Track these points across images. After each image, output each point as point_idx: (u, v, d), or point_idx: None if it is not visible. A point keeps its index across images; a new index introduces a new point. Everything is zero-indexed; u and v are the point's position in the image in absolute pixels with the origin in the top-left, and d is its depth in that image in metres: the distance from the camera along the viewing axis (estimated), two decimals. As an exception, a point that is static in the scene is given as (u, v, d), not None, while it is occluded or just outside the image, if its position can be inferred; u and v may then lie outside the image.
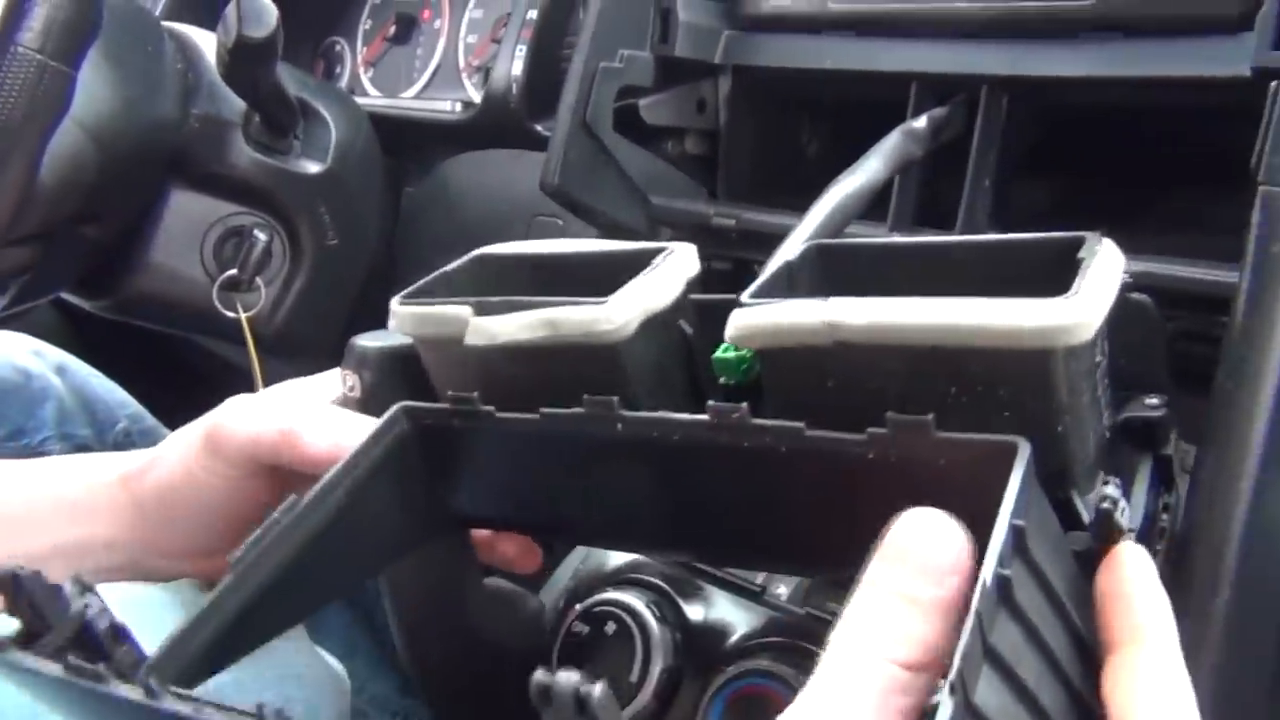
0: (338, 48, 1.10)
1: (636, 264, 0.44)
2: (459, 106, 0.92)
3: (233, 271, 0.81)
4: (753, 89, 0.71)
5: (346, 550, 0.43)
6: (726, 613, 0.59)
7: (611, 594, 0.59)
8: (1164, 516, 0.40)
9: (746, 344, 0.38)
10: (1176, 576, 0.42)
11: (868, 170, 0.57)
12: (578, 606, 0.59)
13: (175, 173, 0.81)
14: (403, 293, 0.46)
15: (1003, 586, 0.28)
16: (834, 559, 0.33)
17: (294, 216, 0.84)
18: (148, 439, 0.75)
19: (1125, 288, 0.38)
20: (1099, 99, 0.57)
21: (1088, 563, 0.33)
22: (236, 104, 0.81)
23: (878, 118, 0.61)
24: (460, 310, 0.44)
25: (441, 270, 0.48)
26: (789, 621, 0.56)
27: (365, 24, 1.08)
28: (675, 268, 0.45)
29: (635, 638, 0.57)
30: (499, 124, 0.86)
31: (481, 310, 0.44)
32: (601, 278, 0.43)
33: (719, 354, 0.44)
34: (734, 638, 0.57)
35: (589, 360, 0.42)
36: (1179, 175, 0.63)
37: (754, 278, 0.45)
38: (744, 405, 0.37)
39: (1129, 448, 0.39)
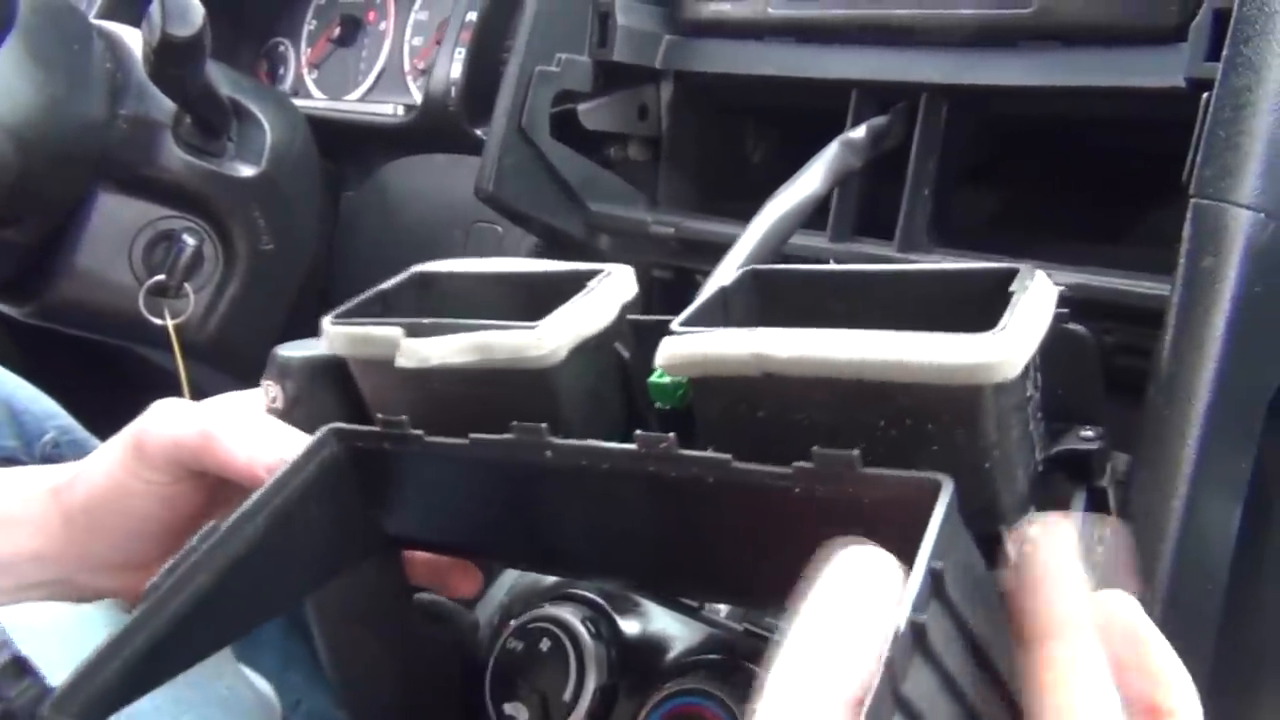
0: (281, 49, 1.07)
1: (575, 286, 0.43)
2: (401, 110, 0.90)
3: (160, 277, 0.78)
4: (695, 95, 0.70)
5: (272, 575, 0.42)
6: (664, 628, 0.58)
7: (547, 610, 0.58)
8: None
9: (677, 373, 0.38)
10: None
11: (806, 184, 0.56)
12: (512, 623, 0.58)
13: (103, 175, 0.79)
14: (335, 311, 0.46)
15: (917, 633, 0.27)
16: (764, 593, 0.33)
17: (227, 220, 0.82)
18: (77, 450, 0.72)
19: (1061, 317, 0.37)
20: (1038, 108, 0.57)
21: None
22: (167, 104, 0.79)
23: (824, 124, 0.61)
24: (391, 332, 0.43)
25: (377, 288, 0.47)
26: (727, 638, 0.55)
27: (310, 25, 1.06)
28: (609, 291, 0.44)
29: (569, 655, 0.56)
30: (438, 128, 0.84)
31: (413, 332, 0.43)
32: (539, 299, 0.42)
33: (654, 379, 0.43)
34: (671, 654, 0.57)
35: (521, 385, 0.41)
36: (1121, 186, 0.62)
37: (695, 288, 0.46)
38: (671, 435, 0.36)
39: (1061, 479, 0.38)
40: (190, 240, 0.79)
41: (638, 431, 0.37)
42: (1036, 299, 0.35)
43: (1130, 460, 0.43)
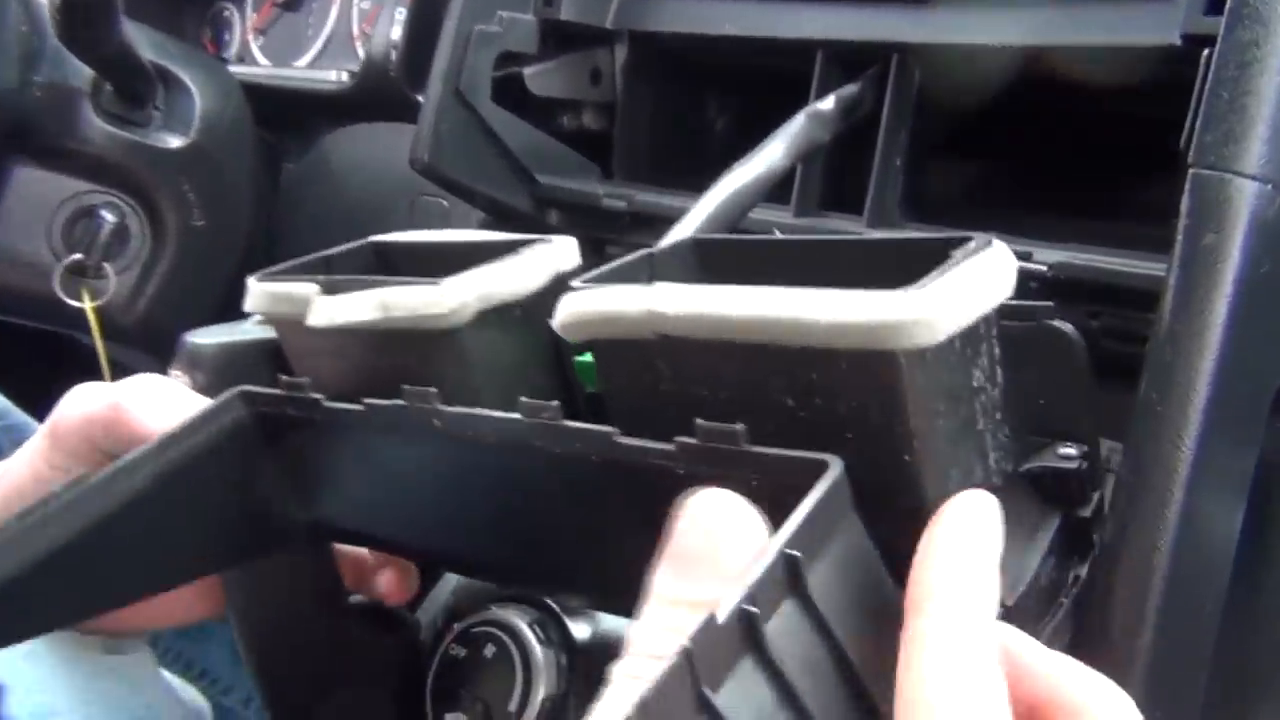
0: (225, 13, 1.02)
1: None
2: (345, 76, 0.85)
3: (78, 256, 0.73)
4: (652, 57, 0.65)
5: (157, 544, 0.38)
6: (618, 631, 0.54)
7: (492, 613, 0.53)
8: (1071, 589, 0.35)
9: (573, 334, 0.34)
10: (1091, 617, 0.37)
11: (767, 157, 0.51)
12: (455, 627, 0.54)
13: (18, 146, 0.73)
14: (268, 269, 0.42)
15: (750, 627, 0.22)
16: None
17: (154, 195, 0.76)
18: (13, 436, 0.68)
19: (1044, 312, 0.33)
20: (1021, 70, 0.52)
21: None
22: (87, 71, 0.73)
23: (793, 90, 0.56)
24: (306, 288, 0.40)
25: (324, 253, 0.44)
26: (683, 645, 0.51)
27: (255, -12, 1.00)
28: (538, 258, 0.40)
29: (515, 662, 0.52)
30: (379, 94, 0.79)
31: (330, 290, 0.39)
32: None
33: (580, 358, 0.39)
34: (624, 661, 0.53)
35: (430, 351, 0.38)
36: (1113, 156, 0.58)
37: None
38: (555, 404, 0.32)
39: (1035, 504, 0.34)
40: (109, 216, 0.74)
41: (522, 399, 0.33)
42: (983, 265, 0.29)
43: (1121, 455, 0.39)
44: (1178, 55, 0.43)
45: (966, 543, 0.26)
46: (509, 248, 0.40)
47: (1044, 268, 0.46)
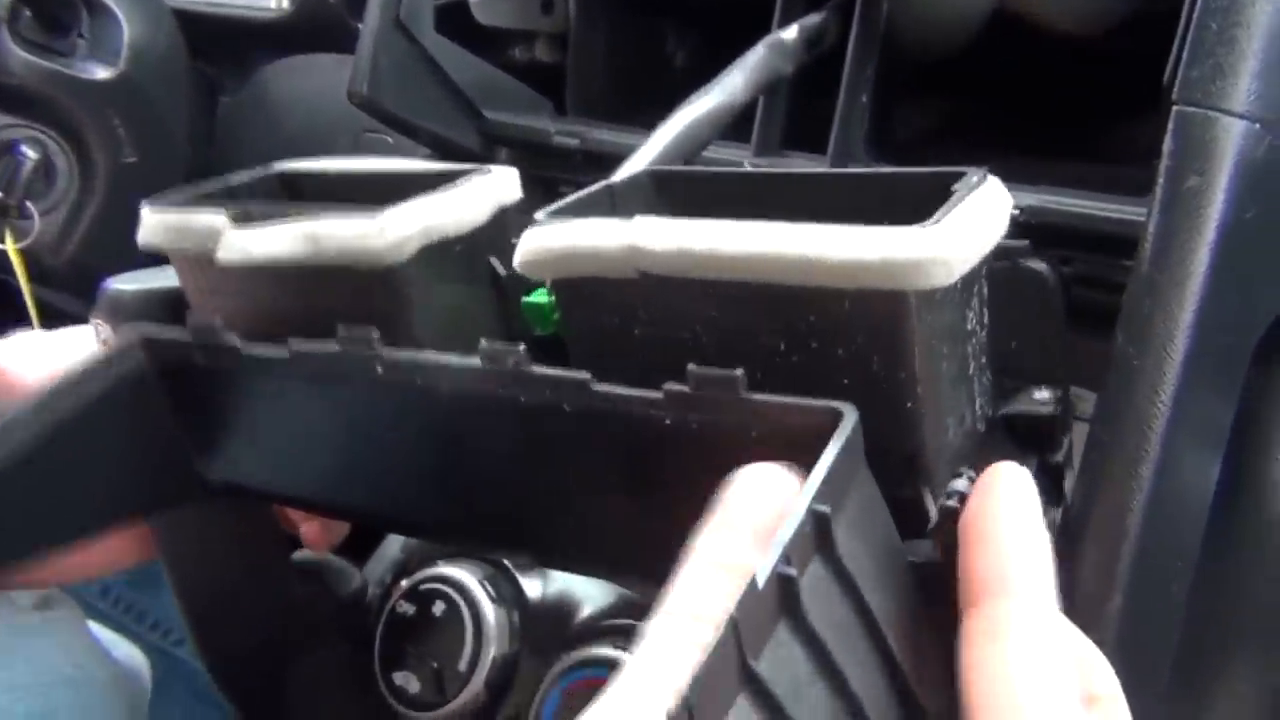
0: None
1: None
2: (285, 2, 0.80)
3: (-2, 196, 0.69)
4: (607, -14, 0.62)
5: (47, 502, 0.36)
6: (571, 589, 0.52)
7: (442, 569, 0.52)
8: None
9: (537, 273, 0.31)
10: (1060, 574, 0.35)
11: (726, 89, 0.48)
12: (403, 583, 0.52)
13: (-70, 76, 0.69)
14: (157, 196, 0.39)
15: (787, 591, 0.21)
16: (643, 561, 0.27)
17: (81, 129, 0.72)
18: None
19: (1017, 252, 0.31)
20: (995, 2, 0.49)
21: (930, 581, 0.26)
22: (1, -5, 0.69)
23: (754, 22, 0.53)
24: (213, 219, 0.36)
25: (224, 179, 0.41)
26: (639, 600, 0.50)
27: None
28: (481, 189, 0.37)
29: (466, 620, 0.50)
30: (320, 23, 0.75)
31: (241, 220, 0.36)
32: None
33: (528, 299, 0.36)
34: (578, 619, 0.51)
35: (365, 290, 0.35)
36: (1090, 92, 0.56)
37: None
38: (521, 348, 0.30)
39: (1008, 448, 0.32)
40: (31, 153, 0.70)
41: (483, 342, 0.30)
42: (986, 200, 0.28)
43: (1092, 405, 0.38)
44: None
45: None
46: (443, 178, 0.37)
47: (1015, 211, 0.44)
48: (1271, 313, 0.36)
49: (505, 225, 0.38)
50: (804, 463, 0.24)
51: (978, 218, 0.27)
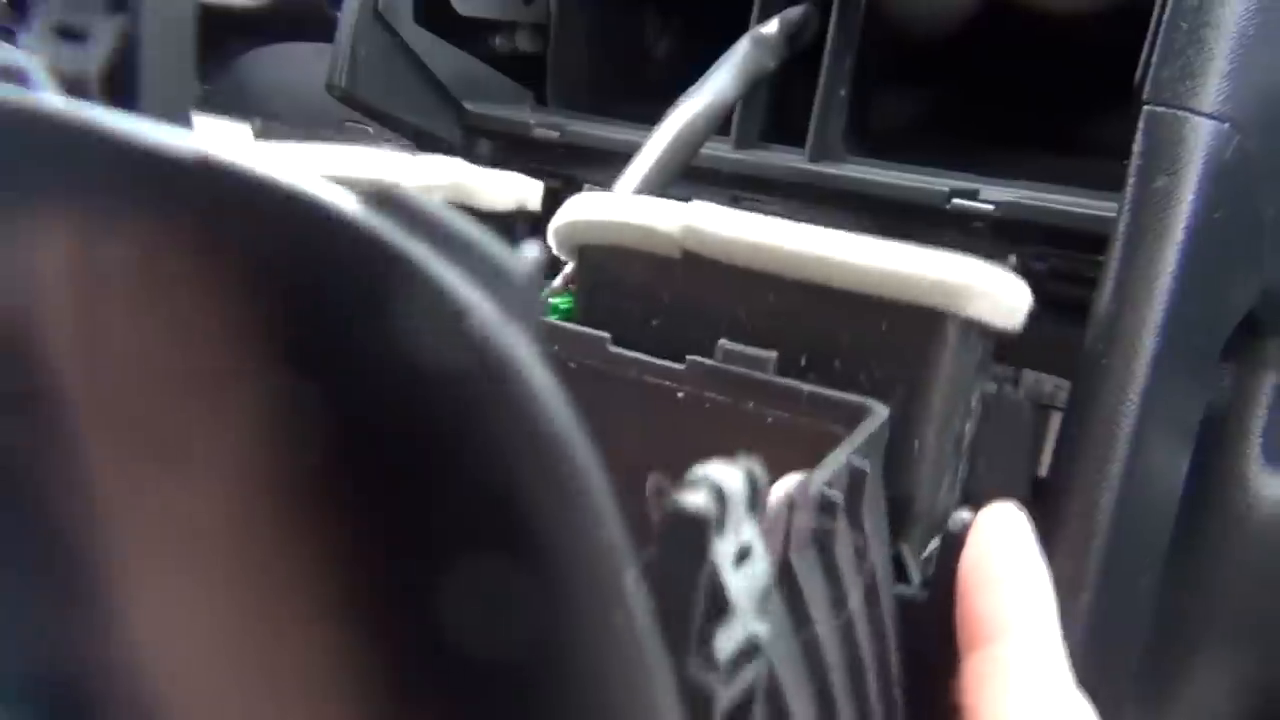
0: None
1: None
2: (264, -10, 0.79)
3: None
4: (588, -24, 0.62)
5: None
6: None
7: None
8: None
9: (579, 236, 0.32)
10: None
11: (715, 88, 0.49)
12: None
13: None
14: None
15: (826, 512, 0.22)
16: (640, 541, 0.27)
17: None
18: None
19: (1005, 378, 0.33)
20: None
21: (914, 619, 0.26)
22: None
23: (734, 12, 0.52)
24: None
25: None
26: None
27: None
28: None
29: None
30: (298, 12, 0.74)
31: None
32: None
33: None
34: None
35: None
36: (1071, 88, 0.55)
37: None
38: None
39: None
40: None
41: None
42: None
43: (1066, 402, 0.38)
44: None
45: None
46: None
47: (990, 207, 0.44)
48: (1239, 311, 0.37)
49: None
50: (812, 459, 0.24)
51: (1018, 284, 0.28)
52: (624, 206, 0.31)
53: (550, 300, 0.36)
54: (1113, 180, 0.41)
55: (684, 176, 0.47)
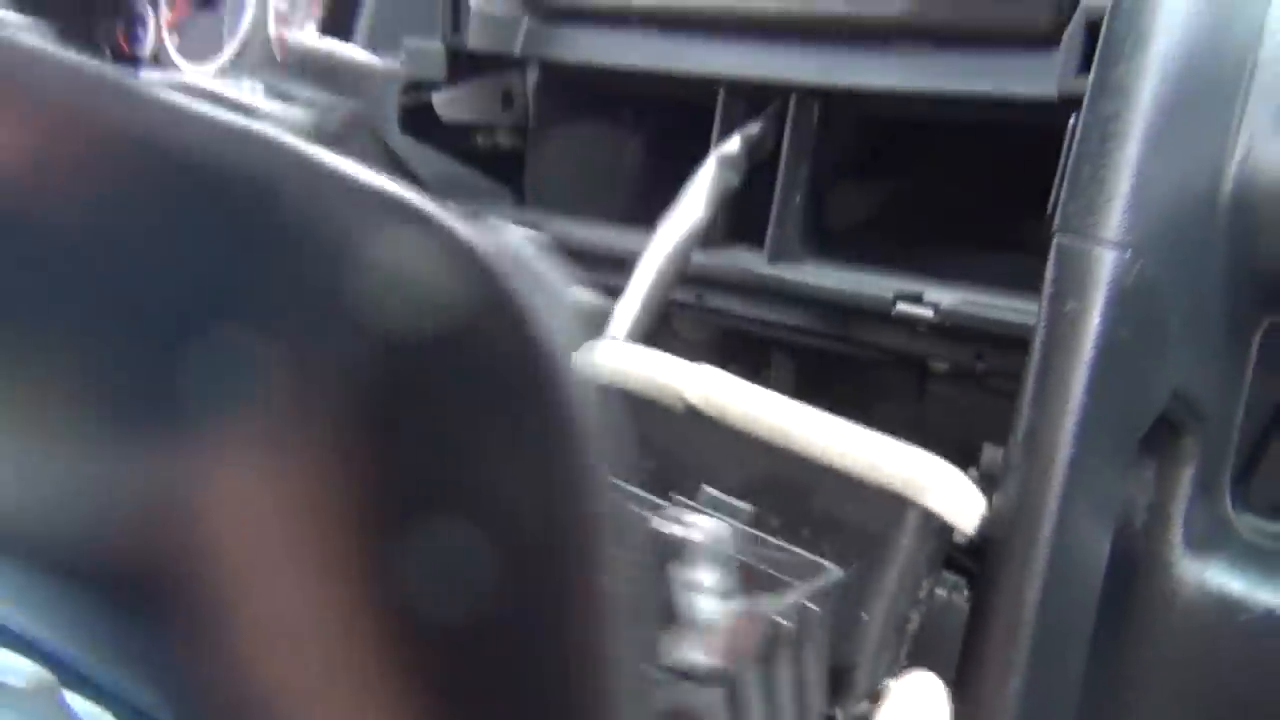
0: (139, 7, 1.00)
1: None
2: (261, 86, 0.84)
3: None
4: (563, 83, 0.65)
5: None
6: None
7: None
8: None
9: (601, 377, 0.36)
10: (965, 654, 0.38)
11: (691, 211, 0.53)
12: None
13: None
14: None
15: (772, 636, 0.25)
16: None
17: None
18: None
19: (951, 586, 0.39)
20: (914, 111, 0.53)
21: None
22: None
23: (702, 117, 0.57)
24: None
25: None
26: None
27: (168, -15, 0.98)
28: None
29: None
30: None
31: None
32: None
33: None
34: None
35: None
36: (1008, 189, 0.59)
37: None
38: None
39: None
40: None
41: None
42: None
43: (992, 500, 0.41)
44: (1057, 108, 0.44)
45: None
46: None
47: (930, 313, 0.48)
48: (1151, 413, 0.40)
49: None
50: None
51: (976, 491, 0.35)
52: (642, 359, 0.36)
53: None
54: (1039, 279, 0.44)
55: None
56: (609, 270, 0.58)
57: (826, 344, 0.54)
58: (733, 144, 0.54)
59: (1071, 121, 0.40)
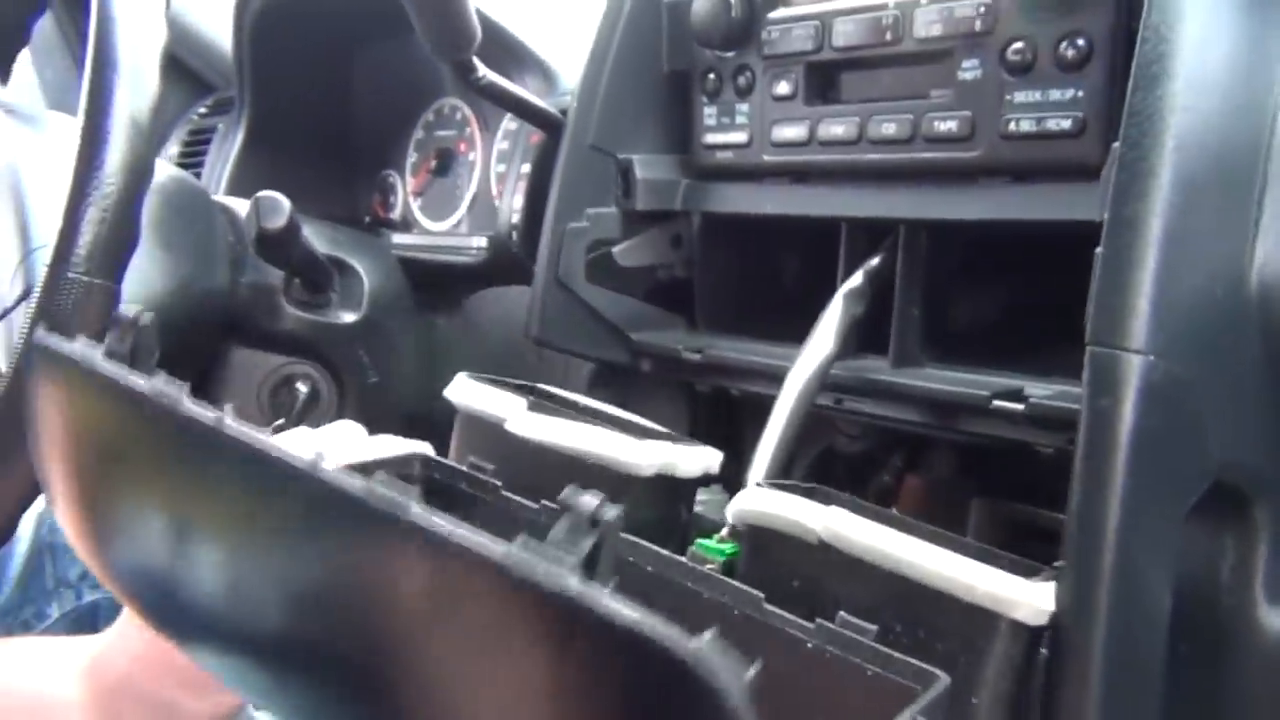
0: (391, 179, 1.20)
1: None
2: (484, 242, 1.00)
3: (280, 421, 0.90)
4: (721, 225, 0.77)
5: None
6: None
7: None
8: None
9: (743, 520, 0.47)
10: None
11: (820, 348, 0.62)
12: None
13: (232, 333, 0.92)
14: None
15: None
16: None
17: (337, 362, 0.93)
18: None
19: None
20: (1004, 233, 0.62)
21: None
22: (279, 271, 0.91)
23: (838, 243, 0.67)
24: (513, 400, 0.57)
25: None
26: None
27: (411, 157, 1.18)
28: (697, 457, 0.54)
29: None
30: (506, 265, 0.94)
31: (534, 407, 0.56)
32: None
33: (704, 540, 0.50)
34: None
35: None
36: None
37: (730, 402, 0.61)
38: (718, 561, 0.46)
39: None
40: (301, 388, 0.91)
41: (691, 549, 0.47)
42: None
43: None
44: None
45: None
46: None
47: (1020, 407, 0.56)
48: (1195, 489, 0.47)
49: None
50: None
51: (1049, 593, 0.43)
52: (780, 502, 0.45)
53: (720, 544, 0.49)
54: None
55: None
56: (770, 383, 0.69)
57: (943, 434, 0.63)
58: (856, 279, 0.64)
59: (1098, 252, 0.48)
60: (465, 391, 0.58)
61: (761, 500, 0.46)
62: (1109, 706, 0.45)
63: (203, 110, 1.37)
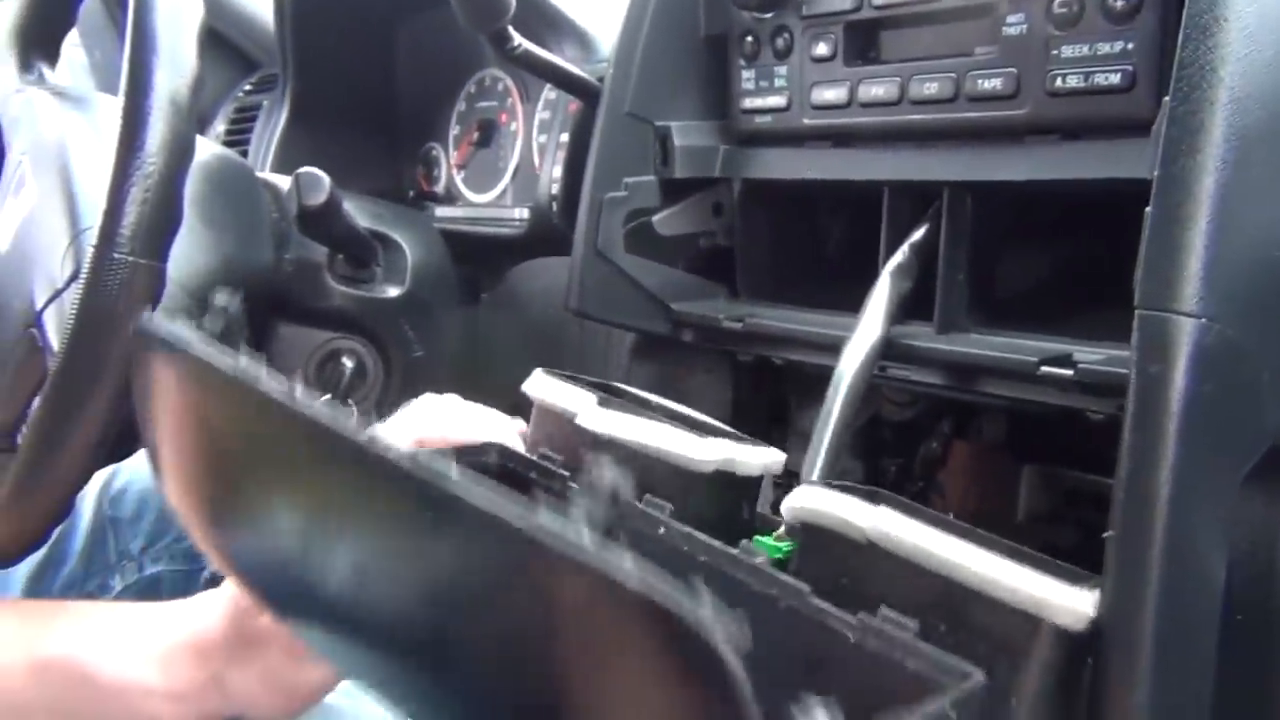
0: (434, 152, 1.20)
1: None
2: (525, 213, 1.00)
3: (327, 396, 0.91)
4: (762, 192, 0.76)
5: None
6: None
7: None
8: None
9: (797, 517, 0.47)
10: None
11: (870, 332, 0.61)
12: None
13: (278, 309, 0.93)
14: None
15: None
16: None
17: (382, 336, 0.94)
18: None
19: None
20: (1051, 193, 0.60)
21: None
22: (323, 247, 0.92)
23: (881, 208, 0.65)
24: (584, 395, 0.57)
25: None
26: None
27: (454, 130, 1.18)
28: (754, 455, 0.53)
29: None
30: (547, 236, 0.94)
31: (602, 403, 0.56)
32: None
33: (762, 537, 0.50)
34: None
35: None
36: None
37: (775, 370, 0.62)
38: (764, 554, 0.46)
39: None
40: (347, 363, 0.92)
41: (743, 542, 0.47)
42: None
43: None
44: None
45: None
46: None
47: (1070, 372, 0.54)
48: (1250, 455, 0.45)
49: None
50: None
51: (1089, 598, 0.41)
52: (830, 500, 0.45)
53: (774, 541, 0.49)
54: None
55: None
56: (813, 351, 0.68)
57: (991, 401, 0.61)
58: (902, 253, 0.62)
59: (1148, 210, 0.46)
60: (540, 386, 0.58)
61: (812, 499, 0.46)
62: (1159, 689, 0.44)
63: (248, 87, 1.38)
